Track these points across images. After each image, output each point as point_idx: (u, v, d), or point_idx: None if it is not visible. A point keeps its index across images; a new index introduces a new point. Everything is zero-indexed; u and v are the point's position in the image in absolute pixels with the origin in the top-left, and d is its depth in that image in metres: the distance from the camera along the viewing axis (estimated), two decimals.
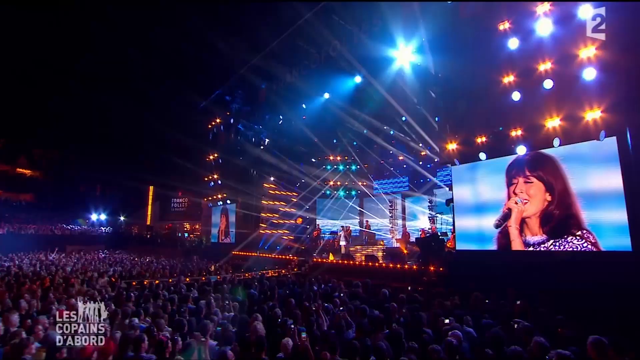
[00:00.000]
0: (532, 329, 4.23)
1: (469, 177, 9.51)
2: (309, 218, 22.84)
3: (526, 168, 8.43)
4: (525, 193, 8.33)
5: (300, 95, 17.36)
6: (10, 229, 21.63)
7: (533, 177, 8.26)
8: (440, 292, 7.56)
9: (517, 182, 8.50)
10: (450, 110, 10.20)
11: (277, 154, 21.24)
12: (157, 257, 18.97)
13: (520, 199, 8.40)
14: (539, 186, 8.14)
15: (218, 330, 5.24)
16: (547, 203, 7.98)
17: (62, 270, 12.04)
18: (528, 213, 8.26)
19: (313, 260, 14.92)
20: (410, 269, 10.52)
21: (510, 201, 8.59)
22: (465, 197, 9.52)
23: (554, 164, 8.00)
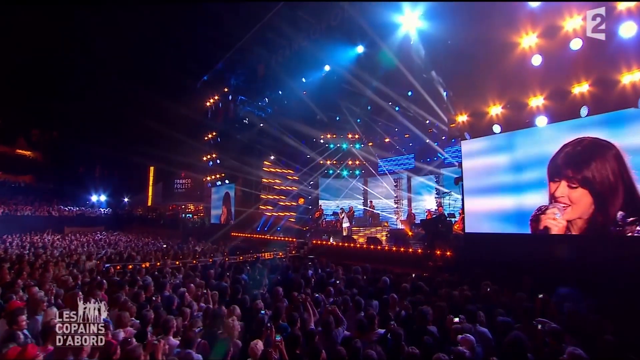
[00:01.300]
0: (562, 332, 3.43)
1: (481, 152, 8.56)
2: (311, 198, 22.10)
3: (570, 169, 7.04)
4: (567, 198, 7.06)
5: (300, 68, 16.32)
6: (6, 210, 21.31)
7: (577, 182, 6.92)
8: (447, 280, 6.79)
9: (559, 185, 7.18)
10: (460, 79, 9.14)
11: (277, 131, 20.36)
12: (156, 239, 18.50)
13: (559, 210, 7.13)
14: (584, 192, 6.81)
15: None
16: (593, 209, 6.71)
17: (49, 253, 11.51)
18: (570, 217, 7.04)
19: (312, 242, 14.25)
20: (415, 252, 9.76)
21: (548, 214, 7.28)
22: (477, 175, 8.61)
23: (612, 157, 6.47)
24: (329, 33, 13.57)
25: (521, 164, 7.79)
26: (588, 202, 6.75)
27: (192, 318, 4.83)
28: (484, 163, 8.46)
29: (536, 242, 7.27)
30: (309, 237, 15.31)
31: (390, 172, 20.51)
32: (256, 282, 6.87)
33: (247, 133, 21.06)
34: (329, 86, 16.87)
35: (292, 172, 21.83)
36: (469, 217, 8.69)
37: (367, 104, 18.12)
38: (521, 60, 7.67)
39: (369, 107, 18.33)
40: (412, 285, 6.35)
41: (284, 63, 16.26)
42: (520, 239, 7.56)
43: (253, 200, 21.18)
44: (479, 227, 8.42)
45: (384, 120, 18.77)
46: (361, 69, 14.41)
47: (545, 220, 7.30)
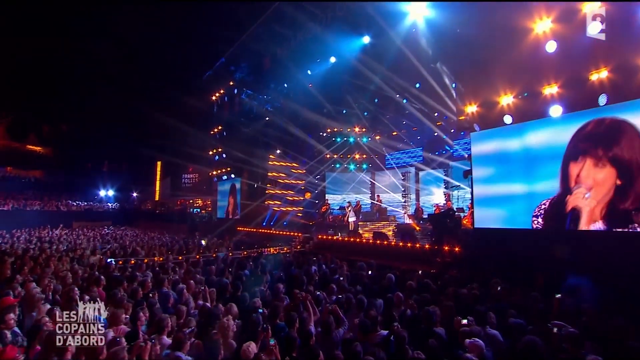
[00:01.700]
0: (580, 337, 3.14)
1: (491, 145, 8.21)
2: (317, 192, 21.85)
3: (600, 146, 6.50)
4: (591, 178, 6.59)
5: (305, 60, 16.04)
6: (16, 205, 21.54)
7: (607, 160, 6.42)
8: (455, 277, 6.51)
9: (584, 164, 6.70)
10: (469, 68, 8.75)
11: (283, 125, 20.11)
12: (162, 233, 18.50)
13: (585, 189, 6.64)
14: (611, 172, 6.36)
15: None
16: (614, 191, 6.30)
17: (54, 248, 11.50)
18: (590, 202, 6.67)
19: (318, 237, 14.04)
20: (422, 248, 9.47)
21: (576, 195, 6.75)
22: (487, 169, 8.26)
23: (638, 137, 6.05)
24: (335, 24, 13.24)
25: (534, 156, 7.43)
26: (610, 185, 6.34)
27: (188, 317, 4.65)
28: (494, 155, 8.10)
29: (550, 238, 6.91)
30: (315, 232, 15.09)
31: (398, 165, 20.16)
32: (257, 279, 6.67)
33: (252, 126, 20.87)
34: (335, 78, 16.55)
35: (299, 166, 21.58)
36: (478, 212, 8.37)
37: (374, 97, 17.77)
38: (535, 47, 7.28)
39: (376, 99, 17.98)
40: (419, 282, 6.09)
41: (289, 55, 15.97)
42: (533, 235, 7.23)
43: (259, 194, 21.03)
44: (489, 222, 8.10)
45: (392, 113, 18.40)
46: (367, 60, 14.05)
47: (574, 201, 6.80)
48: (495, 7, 7.73)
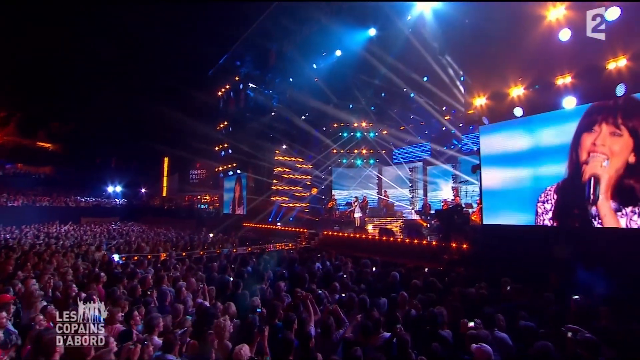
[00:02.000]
0: (598, 343, 2.91)
1: (501, 138, 7.92)
2: (324, 188, 21.67)
3: (620, 115, 6.20)
4: (607, 147, 6.25)
5: (311, 54, 15.83)
6: (25, 201, 21.82)
7: (625, 129, 6.08)
8: (463, 276, 6.27)
9: (600, 132, 6.38)
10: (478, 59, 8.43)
11: (289, 120, 19.95)
12: (168, 229, 18.53)
13: (603, 157, 6.30)
14: (627, 143, 6.05)
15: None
16: (625, 166, 6.03)
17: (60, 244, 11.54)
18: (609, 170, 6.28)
19: (323, 233, 13.87)
20: (429, 245, 9.25)
21: (594, 163, 6.41)
22: (496, 163, 7.98)
23: None
24: (340, 16, 12.99)
25: (545, 150, 7.13)
26: (624, 159, 6.04)
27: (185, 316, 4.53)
28: (503, 149, 7.82)
29: (564, 235, 6.62)
30: (320, 228, 14.92)
31: (406, 160, 19.87)
32: (259, 276, 6.52)
33: (258, 122, 20.73)
34: (341, 72, 16.30)
35: (305, 161, 21.41)
36: (487, 208, 8.11)
37: (381, 91, 17.48)
38: (547, 35, 6.95)
39: (383, 93, 17.69)
40: (425, 281, 5.87)
41: (294, 49, 15.78)
42: (545, 232, 6.95)
43: (265, 190, 20.91)
44: (499, 218, 7.83)
45: (399, 107, 18.09)
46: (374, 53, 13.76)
47: (591, 169, 6.45)
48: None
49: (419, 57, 12.40)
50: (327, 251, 10.15)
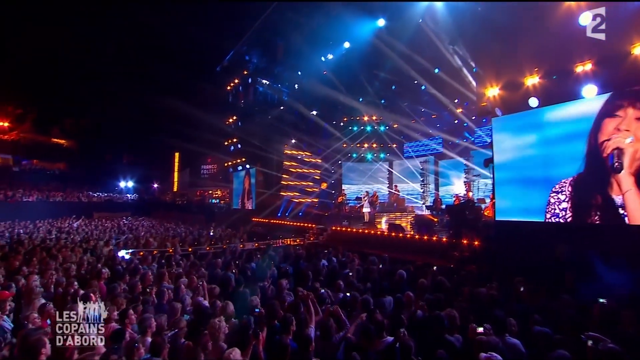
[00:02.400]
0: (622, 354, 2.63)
1: (514, 130, 7.55)
2: (334, 182, 21.45)
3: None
4: (632, 132, 5.86)
5: (319, 47, 15.54)
6: (40, 196, 22.25)
7: None
8: (474, 274, 5.99)
9: (625, 117, 5.99)
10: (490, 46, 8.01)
11: (297, 114, 19.75)
12: (177, 224, 18.60)
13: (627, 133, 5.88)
14: None
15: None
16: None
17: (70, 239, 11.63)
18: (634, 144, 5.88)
19: (331, 228, 13.66)
20: (440, 241, 8.95)
21: (617, 138, 6.01)
22: (510, 156, 7.61)
23: None
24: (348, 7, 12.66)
25: (561, 142, 6.73)
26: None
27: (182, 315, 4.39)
28: (518, 142, 7.44)
29: (581, 232, 6.27)
30: (329, 223, 14.72)
31: (417, 154, 19.49)
32: (262, 273, 6.35)
33: (267, 116, 20.58)
34: (350, 65, 15.98)
35: (314, 156, 21.18)
36: (500, 203, 7.76)
37: (391, 83, 17.09)
38: (566, 20, 6.52)
39: (394, 86, 17.29)
40: (433, 280, 5.61)
41: (302, 42, 15.52)
42: (561, 229, 6.59)
43: (274, 184, 20.79)
44: (512, 213, 7.48)
45: (410, 100, 17.66)
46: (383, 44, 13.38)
47: (614, 144, 6.05)
48: None
49: (430, 48, 11.99)
50: (334, 247, 9.95)
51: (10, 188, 22.02)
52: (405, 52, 13.03)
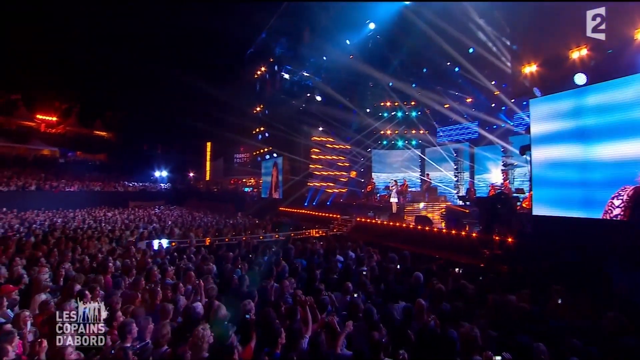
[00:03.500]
0: None
1: (556, 113, 6.53)
2: (363, 171, 20.80)
3: None
4: None
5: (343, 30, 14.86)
6: (80, 186, 23.58)
7: None
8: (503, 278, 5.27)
9: None
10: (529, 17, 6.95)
11: (325, 101, 19.25)
12: (206, 214, 18.85)
13: None
14: None
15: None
16: None
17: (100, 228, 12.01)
18: None
19: (356, 219, 13.12)
20: (469, 236, 8.16)
21: None
22: (550, 143, 6.64)
23: None
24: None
25: (617, 125, 5.70)
26: None
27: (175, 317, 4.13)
28: (560, 126, 6.44)
29: None
30: (355, 214, 14.17)
31: (451, 140, 18.31)
32: (268, 270, 5.98)
33: (293, 103, 20.24)
34: (377, 47, 15.23)
35: (343, 143, 20.57)
36: (538, 196, 6.85)
37: (422, 66, 16.05)
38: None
39: (425, 69, 16.23)
40: (453, 284, 4.98)
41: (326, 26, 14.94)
42: (615, 227, 5.62)
43: (301, 173, 20.47)
44: (552, 208, 6.56)
45: (443, 84, 16.50)
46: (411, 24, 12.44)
47: None
48: None
49: (462, 25, 10.95)
50: (355, 240, 9.44)
51: (56, 179, 23.47)
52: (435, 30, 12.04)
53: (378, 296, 5.12)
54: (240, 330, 3.72)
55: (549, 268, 5.39)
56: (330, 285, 5.59)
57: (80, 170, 27.16)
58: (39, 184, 22.08)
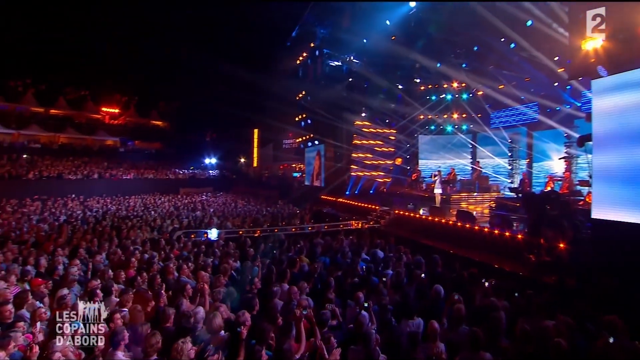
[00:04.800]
0: None
1: (626, 96, 5.34)
2: (409, 158, 19.82)
3: None
4: None
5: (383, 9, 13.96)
6: (136, 174, 25.51)
7: None
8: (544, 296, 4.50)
9: None
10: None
11: (368, 85, 18.46)
12: (249, 201, 19.24)
13: None
14: None
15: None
16: None
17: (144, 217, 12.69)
18: None
19: (395, 212, 12.46)
20: (514, 238, 7.25)
21: None
22: (616, 132, 5.50)
23: None
24: None
25: None
26: None
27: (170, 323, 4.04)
28: (631, 112, 5.27)
29: None
30: (395, 205, 13.48)
31: (506, 125, 16.61)
32: (280, 272, 5.69)
33: (335, 89, 19.70)
34: (420, 26, 14.06)
35: (387, 129, 19.70)
36: (599, 196, 5.77)
37: (473, 44, 14.54)
38: None
39: (476, 47, 14.70)
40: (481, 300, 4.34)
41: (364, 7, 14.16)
42: None
43: (344, 161, 20.03)
44: (618, 212, 5.48)
45: (497, 63, 14.86)
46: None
47: None
48: None
49: None
50: (386, 237, 8.89)
51: (118, 167, 25.58)
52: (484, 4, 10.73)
53: (394, 308, 4.65)
54: (229, 345, 3.53)
55: (608, 286, 4.50)
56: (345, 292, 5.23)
57: (137, 158, 29.30)
58: (101, 172, 24.09)
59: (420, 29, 14.17)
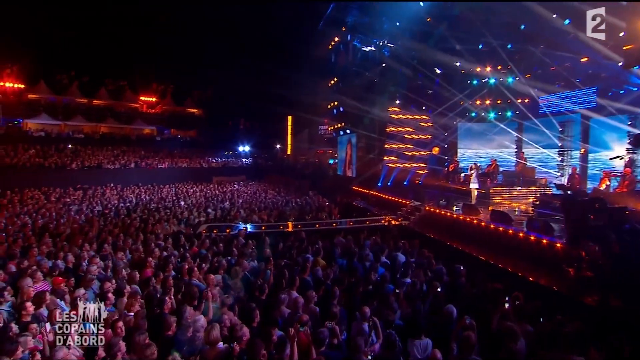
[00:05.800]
0: None
1: None
2: (447, 147, 18.79)
3: None
4: None
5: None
6: (170, 163, 26.30)
7: None
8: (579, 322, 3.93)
9: None
10: None
11: (402, 71, 17.52)
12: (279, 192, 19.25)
13: None
14: None
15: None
16: None
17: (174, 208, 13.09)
18: None
19: (425, 208, 11.81)
20: (552, 246, 6.50)
21: None
22: None
23: None
24: None
25: None
26: None
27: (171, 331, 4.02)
28: None
29: None
30: (426, 200, 12.79)
31: (556, 112, 15.06)
32: (288, 279, 5.48)
33: (368, 75, 18.97)
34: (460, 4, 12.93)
35: (424, 116, 18.69)
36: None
37: (519, 22, 13.17)
38: None
39: (523, 25, 13.31)
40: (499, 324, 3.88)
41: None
42: None
43: (377, 150, 19.37)
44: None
45: (546, 43, 13.41)
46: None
47: None
48: None
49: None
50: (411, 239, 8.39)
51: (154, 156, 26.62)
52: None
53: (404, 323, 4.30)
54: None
55: None
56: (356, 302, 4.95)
57: (173, 146, 30.26)
58: (137, 161, 25.07)
59: (459, 8, 13.11)
